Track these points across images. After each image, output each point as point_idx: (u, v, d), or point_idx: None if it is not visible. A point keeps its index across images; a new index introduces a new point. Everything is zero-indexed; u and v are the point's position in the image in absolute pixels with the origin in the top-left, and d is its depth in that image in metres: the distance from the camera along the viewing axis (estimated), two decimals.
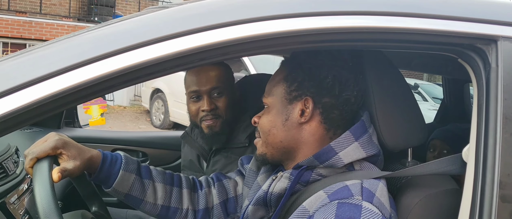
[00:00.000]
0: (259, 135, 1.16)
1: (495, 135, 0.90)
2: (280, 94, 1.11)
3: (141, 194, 1.19)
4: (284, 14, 0.89)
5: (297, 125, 1.09)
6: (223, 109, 1.61)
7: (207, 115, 1.59)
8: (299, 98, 1.08)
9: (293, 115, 1.09)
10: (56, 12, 10.82)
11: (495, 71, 0.92)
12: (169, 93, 8.06)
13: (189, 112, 1.66)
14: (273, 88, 1.13)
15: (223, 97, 1.61)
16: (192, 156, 1.81)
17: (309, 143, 1.09)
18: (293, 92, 1.08)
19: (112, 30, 0.91)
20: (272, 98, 1.13)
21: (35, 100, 0.80)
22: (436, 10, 0.94)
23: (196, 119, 1.63)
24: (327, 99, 1.06)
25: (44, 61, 0.83)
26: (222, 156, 1.67)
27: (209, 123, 1.59)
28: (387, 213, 0.95)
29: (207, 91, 1.59)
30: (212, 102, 1.59)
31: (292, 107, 1.09)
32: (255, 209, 1.14)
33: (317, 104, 1.07)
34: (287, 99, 1.10)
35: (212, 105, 1.59)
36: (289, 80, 1.09)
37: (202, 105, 1.59)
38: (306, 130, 1.09)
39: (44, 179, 0.95)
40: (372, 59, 1.13)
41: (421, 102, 8.09)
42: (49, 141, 1.04)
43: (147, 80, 0.94)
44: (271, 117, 1.12)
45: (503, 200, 0.88)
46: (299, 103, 1.08)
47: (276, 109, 1.11)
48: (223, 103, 1.61)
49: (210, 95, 1.59)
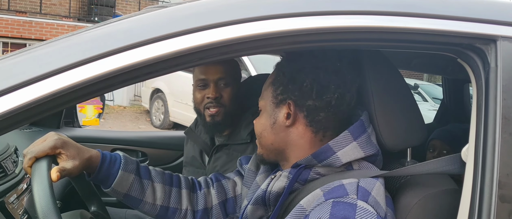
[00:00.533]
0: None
1: (494, 135, 0.90)
2: (268, 98, 1.13)
3: (140, 194, 1.19)
4: (283, 14, 0.89)
5: (284, 128, 1.10)
6: (227, 99, 1.66)
7: (211, 102, 1.64)
8: (284, 101, 1.09)
9: (280, 119, 1.10)
10: (56, 12, 10.82)
11: (494, 71, 0.92)
12: (169, 93, 8.06)
13: (194, 100, 1.71)
14: (264, 92, 1.16)
15: (229, 88, 1.66)
16: (194, 153, 1.85)
17: (299, 145, 1.09)
18: (279, 96, 1.10)
19: (111, 29, 0.91)
20: (263, 101, 1.15)
21: (34, 99, 0.80)
22: (435, 9, 0.94)
23: (200, 106, 1.68)
24: (310, 102, 1.06)
25: (43, 60, 0.83)
26: (224, 153, 1.71)
27: (212, 112, 1.64)
28: (382, 212, 0.95)
29: (214, 80, 1.64)
30: (218, 90, 1.65)
31: (279, 111, 1.10)
32: (254, 208, 1.14)
33: (301, 107, 1.07)
34: (274, 103, 1.11)
35: (218, 94, 1.64)
36: (276, 84, 1.11)
37: (208, 93, 1.65)
38: (294, 132, 1.09)
39: (43, 179, 0.95)
40: (371, 59, 1.13)
41: (421, 102, 8.08)
42: (48, 141, 1.04)
43: (146, 79, 0.94)
44: (262, 120, 1.14)
45: (502, 200, 0.88)
46: (284, 106, 1.09)
47: (266, 112, 1.13)
48: (228, 94, 1.66)
49: (216, 84, 1.65)
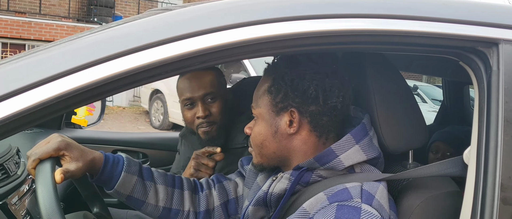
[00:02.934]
0: (251, 145, 1.16)
1: (496, 137, 0.90)
2: (266, 106, 1.10)
3: (143, 195, 1.20)
4: (283, 17, 0.89)
5: (287, 136, 1.08)
6: (217, 115, 1.62)
7: (202, 122, 1.60)
8: (285, 109, 1.07)
9: (282, 127, 1.08)
10: (56, 13, 10.81)
11: (496, 74, 0.92)
12: (168, 94, 8.05)
13: (184, 119, 1.67)
14: (259, 100, 1.12)
15: (217, 102, 1.62)
16: (190, 155, 1.79)
17: (302, 150, 1.08)
18: (279, 104, 1.07)
19: (115, 33, 0.91)
20: (259, 110, 1.12)
21: (38, 102, 0.80)
22: (438, 13, 0.94)
23: (193, 126, 1.65)
24: (313, 107, 1.05)
25: (48, 63, 0.83)
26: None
27: (205, 130, 1.61)
28: (386, 215, 0.95)
29: (200, 97, 1.60)
30: (206, 108, 1.60)
31: (280, 119, 1.08)
32: (255, 209, 1.14)
33: (304, 113, 1.06)
34: (274, 111, 1.08)
35: (206, 111, 1.60)
36: (273, 92, 1.08)
37: (197, 112, 1.60)
38: (297, 139, 1.08)
39: (47, 180, 0.95)
40: (373, 61, 1.14)
41: (420, 103, 8.06)
42: (52, 143, 1.04)
43: (149, 82, 0.94)
44: (261, 129, 1.11)
45: (505, 202, 0.88)
46: (285, 114, 1.07)
47: (265, 121, 1.10)
48: (217, 108, 1.62)
49: (203, 101, 1.61)
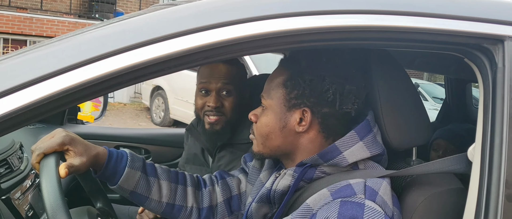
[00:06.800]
0: (253, 133, 1.15)
1: (501, 134, 0.90)
2: (279, 99, 1.08)
3: (146, 191, 1.20)
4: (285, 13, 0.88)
5: (294, 133, 1.07)
6: (228, 109, 1.61)
7: (211, 111, 1.60)
8: (297, 106, 1.06)
9: (291, 123, 1.07)
10: (57, 9, 10.79)
11: (501, 71, 0.92)
12: (169, 90, 8.05)
13: (195, 104, 1.68)
14: (272, 91, 1.10)
15: (231, 97, 1.62)
16: (196, 150, 1.80)
17: (308, 148, 1.08)
18: (293, 100, 1.06)
19: (119, 28, 0.91)
20: (270, 101, 1.10)
21: (41, 97, 0.79)
22: (443, 9, 0.94)
23: (200, 112, 1.65)
24: (327, 109, 1.05)
25: (51, 59, 0.83)
26: (227, 152, 1.68)
27: (211, 120, 1.61)
28: (389, 212, 0.96)
29: (216, 89, 1.60)
30: (218, 100, 1.60)
31: (290, 115, 1.07)
32: (259, 206, 1.14)
33: (316, 114, 1.05)
34: (286, 106, 1.07)
35: (218, 103, 1.60)
36: (289, 87, 1.06)
37: (209, 101, 1.60)
38: (305, 137, 1.08)
39: (51, 175, 0.95)
40: (378, 58, 1.13)
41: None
42: (56, 137, 1.04)
43: (152, 78, 0.94)
44: (269, 121, 1.10)
45: (509, 199, 0.88)
46: (297, 111, 1.06)
47: (275, 114, 1.09)
48: (230, 103, 1.61)
49: (218, 93, 1.61)
